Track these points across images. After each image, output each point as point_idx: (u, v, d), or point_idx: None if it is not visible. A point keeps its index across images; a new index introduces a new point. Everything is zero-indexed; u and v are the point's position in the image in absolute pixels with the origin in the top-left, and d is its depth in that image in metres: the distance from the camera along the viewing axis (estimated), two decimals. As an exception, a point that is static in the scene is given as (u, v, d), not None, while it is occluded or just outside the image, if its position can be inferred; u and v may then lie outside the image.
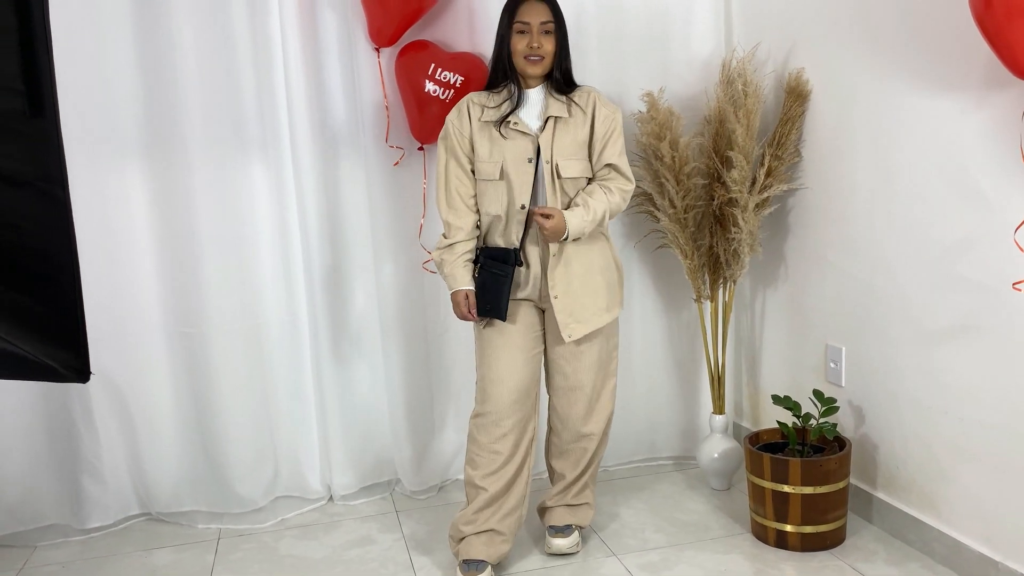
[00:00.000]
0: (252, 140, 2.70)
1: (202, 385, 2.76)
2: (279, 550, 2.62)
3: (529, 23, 2.24)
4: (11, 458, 2.69)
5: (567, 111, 2.29)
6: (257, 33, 2.63)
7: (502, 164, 2.26)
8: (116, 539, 2.74)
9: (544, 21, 2.25)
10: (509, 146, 2.27)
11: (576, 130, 2.29)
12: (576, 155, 2.28)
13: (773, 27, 2.76)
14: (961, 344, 2.17)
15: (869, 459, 2.54)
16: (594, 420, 2.42)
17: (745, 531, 2.57)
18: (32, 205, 0.95)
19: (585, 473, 2.47)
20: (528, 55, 2.25)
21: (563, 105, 2.29)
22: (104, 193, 2.62)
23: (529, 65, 2.26)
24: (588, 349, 2.37)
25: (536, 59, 2.25)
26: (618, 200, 2.30)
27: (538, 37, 2.24)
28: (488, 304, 2.29)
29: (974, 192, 2.08)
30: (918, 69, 2.20)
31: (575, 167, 2.28)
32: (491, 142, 2.28)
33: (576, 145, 2.28)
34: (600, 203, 2.25)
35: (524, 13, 2.25)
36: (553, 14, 2.27)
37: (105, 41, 2.55)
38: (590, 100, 2.32)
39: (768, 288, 2.95)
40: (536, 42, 2.24)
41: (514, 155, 2.26)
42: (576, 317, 2.31)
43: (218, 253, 2.69)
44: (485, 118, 2.30)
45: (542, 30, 2.25)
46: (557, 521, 2.48)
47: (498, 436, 2.30)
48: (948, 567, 2.26)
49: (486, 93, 2.34)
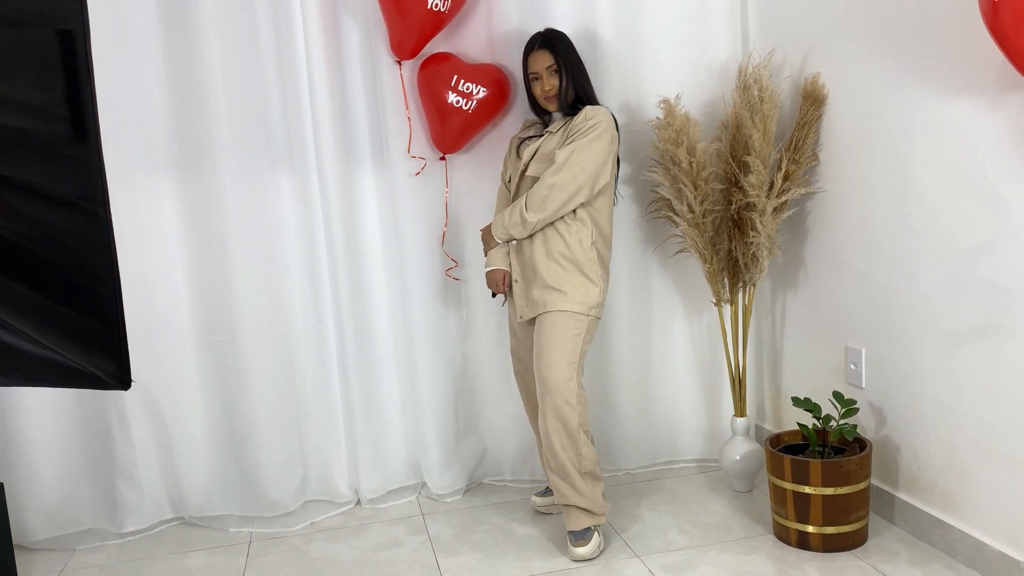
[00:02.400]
0: (279, 153, 2.77)
1: (233, 392, 2.83)
2: (309, 552, 2.68)
3: (538, 72, 2.56)
4: (50, 465, 2.78)
5: (561, 125, 2.55)
6: (283, 50, 2.70)
7: (509, 172, 2.67)
8: (151, 543, 2.82)
9: (549, 65, 2.54)
10: (523, 155, 2.59)
11: (560, 138, 2.52)
12: (544, 160, 2.52)
13: (789, 33, 2.78)
14: (982, 346, 2.18)
15: (891, 460, 2.55)
16: (545, 412, 2.46)
17: (767, 532, 2.59)
18: (77, 224, 1.01)
19: (550, 472, 2.51)
20: (544, 97, 2.57)
21: (563, 122, 2.56)
22: (137, 207, 2.70)
23: (549, 104, 2.59)
24: (535, 333, 2.53)
25: (552, 98, 2.56)
26: (540, 191, 2.45)
27: (547, 80, 2.54)
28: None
29: (992, 194, 2.09)
30: (933, 72, 2.22)
31: (538, 168, 2.53)
32: (523, 152, 2.61)
33: (547, 152, 2.52)
34: (514, 205, 2.53)
35: (532, 64, 2.57)
36: (554, 57, 2.53)
37: (136, 60, 2.64)
38: (583, 112, 2.50)
39: (788, 291, 2.97)
40: (547, 85, 2.54)
41: (514, 169, 2.64)
42: (526, 300, 2.56)
43: (247, 264, 2.77)
44: (523, 136, 2.68)
45: (549, 72, 2.54)
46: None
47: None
48: (971, 567, 2.27)
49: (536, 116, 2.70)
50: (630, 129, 2.89)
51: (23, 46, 0.95)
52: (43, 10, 0.94)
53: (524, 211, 2.48)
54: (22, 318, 1.01)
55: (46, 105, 0.98)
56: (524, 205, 2.48)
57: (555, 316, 2.47)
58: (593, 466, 2.50)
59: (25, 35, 0.95)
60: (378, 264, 2.91)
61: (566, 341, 2.46)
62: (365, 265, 2.89)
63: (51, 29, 0.96)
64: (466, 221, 2.93)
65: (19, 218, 0.99)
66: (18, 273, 1.00)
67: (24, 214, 0.99)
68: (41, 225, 1.00)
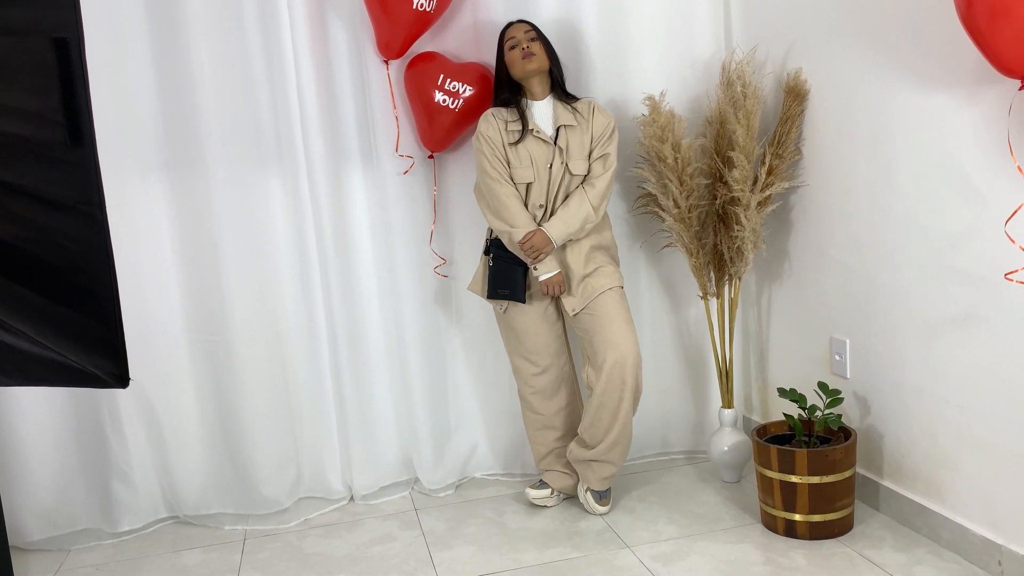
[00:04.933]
0: (269, 153, 2.79)
1: (226, 391, 2.86)
2: (304, 549, 2.71)
3: (516, 36, 2.61)
4: (45, 465, 2.79)
5: (574, 119, 2.62)
6: (271, 51, 2.72)
7: (533, 169, 2.60)
8: (146, 542, 2.84)
9: (527, 31, 2.62)
10: (536, 152, 2.60)
11: (581, 135, 2.63)
12: (580, 155, 2.62)
13: (771, 29, 2.82)
14: (961, 335, 2.22)
15: (875, 449, 2.59)
16: (625, 380, 2.63)
17: (755, 521, 2.63)
18: (75, 227, 1.04)
19: (607, 434, 2.69)
20: (522, 55, 2.58)
21: (570, 114, 2.63)
22: (128, 208, 2.72)
23: (526, 63, 2.58)
24: (594, 317, 2.67)
25: (529, 55, 2.57)
26: (598, 190, 2.61)
27: (526, 42, 2.59)
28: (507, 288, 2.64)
29: (968, 186, 2.13)
30: (912, 67, 2.26)
31: (580, 166, 2.62)
32: (518, 150, 2.60)
33: (581, 147, 2.62)
34: (578, 209, 2.59)
35: (510, 32, 2.64)
36: (534, 28, 2.63)
37: (125, 63, 2.66)
38: (590, 108, 2.67)
39: (773, 284, 3.01)
40: (525, 44, 2.59)
41: (539, 160, 2.59)
42: (578, 292, 2.67)
43: (239, 263, 2.79)
44: (511, 128, 2.62)
45: (527, 38, 2.60)
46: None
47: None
48: (954, 552, 2.32)
49: (504, 108, 2.65)
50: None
51: (20, 54, 0.97)
52: (39, 19, 0.97)
53: (594, 213, 2.60)
54: (22, 319, 1.04)
55: (43, 111, 1.01)
56: (593, 208, 2.59)
57: (614, 293, 2.64)
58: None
59: (22, 43, 0.97)
60: (368, 262, 2.93)
61: (628, 313, 2.65)
62: (355, 263, 2.92)
63: (47, 37, 0.98)
64: (454, 218, 2.96)
65: (19, 222, 1.02)
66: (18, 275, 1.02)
67: (24, 218, 1.02)
68: (41, 228, 1.03)
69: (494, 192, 2.60)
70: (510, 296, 2.64)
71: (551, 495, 2.82)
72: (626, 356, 2.57)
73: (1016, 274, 2.01)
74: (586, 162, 2.62)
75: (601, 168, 2.62)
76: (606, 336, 2.58)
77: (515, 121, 2.62)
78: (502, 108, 2.65)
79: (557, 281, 2.61)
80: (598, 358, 2.59)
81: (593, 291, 2.62)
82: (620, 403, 2.59)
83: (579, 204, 2.59)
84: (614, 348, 2.57)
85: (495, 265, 2.65)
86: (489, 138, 2.60)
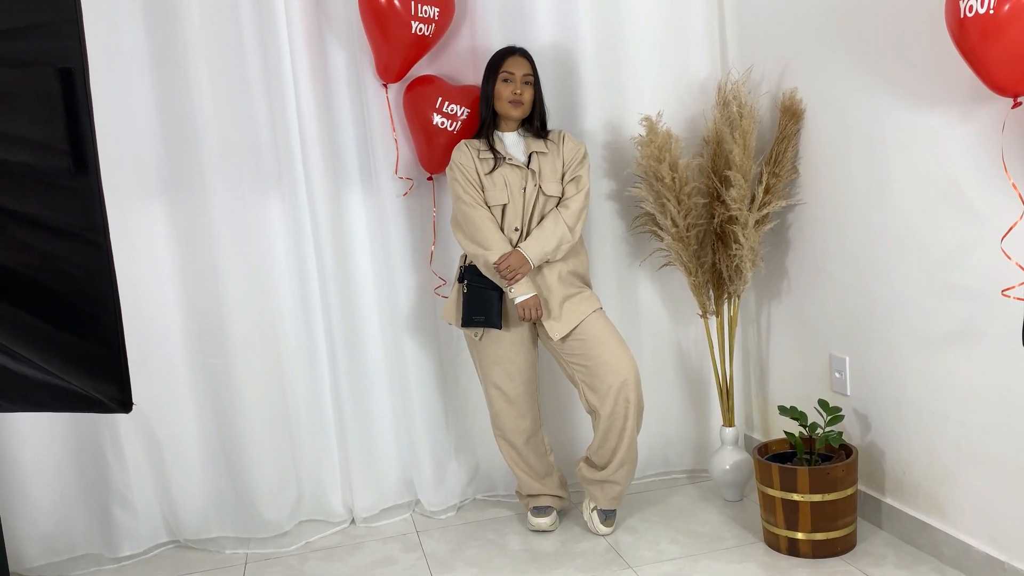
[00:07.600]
0: (268, 175, 2.80)
1: (226, 413, 2.85)
2: (305, 572, 2.70)
3: (514, 73, 2.63)
4: (44, 490, 2.78)
5: (544, 147, 2.68)
6: (270, 74, 2.74)
7: (507, 191, 2.61)
8: (147, 566, 2.83)
9: (526, 73, 2.65)
10: (510, 177, 2.61)
11: (553, 159, 2.68)
12: (553, 178, 2.66)
13: (766, 49, 2.85)
14: (960, 350, 2.23)
15: (876, 466, 2.59)
16: (628, 398, 2.64)
17: (758, 540, 2.63)
18: (80, 254, 1.05)
19: (615, 454, 2.71)
20: (512, 100, 2.62)
21: (541, 142, 2.69)
22: (128, 230, 2.72)
23: (512, 108, 2.64)
24: (585, 342, 2.69)
25: (518, 103, 2.63)
26: (573, 211, 2.63)
27: (520, 86, 2.63)
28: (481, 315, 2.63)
29: (964, 202, 2.15)
30: (906, 85, 2.28)
31: (553, 187, 2.66)
32: (493, 176, 2.62)
33: (554, 171, 2.67)
34: (554, 229, 2.61)
35: (509, 65, 2.64)
36: (532, 69, 2.67)
37: (125, 86, 2.67)
38: (560, 136, 2.72)
39: (772, 301, 3.02)
40: (519, 89, 2.63)
41: (513, 183, 2.62)
42: (557, 317, 2.67)
43: (238, 285, 2.79)
44: (483, 158, 2.65)
45: (523, 80, 2.64)
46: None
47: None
48: (957, 569, 2.31)
49: (476, 140, 2.70)
50: (613, 146, 2.95)
51: (26, 84, 0.99)
52: (44, 50, 0.98)
53: (569, 233, 2.61)
54: (27, 345, 1.04)
55: (48, 140, 1.02)
56: (568, 228, 2.61)
57: (599, 315, 2.66)
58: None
59: (28, 74, 0.99)
60: (368, 283, 2.94)
61: (617, 333, 2.67)
62: (355, 285, 2.92)
63: (52, 68, 1.00)
64: (454, 239, 2.96)
65: (24, 249, 1.03)
66: (23, 302, 1.03)
67: (29, 245, 1.03)
68: (45, 255, 1.04)
69: (469, 217, 2.61)
70: (484, 323, 2.62)
71: (553, 522, 2.83)
72: (627, 378, 2.58)
73: (1013, 290, 2.02)
74: (559, 184, 2.65)
75: (574, 189, 2.65)
76: (604, 360, 2.59)
77: (487, 150, 2.66)
78: (474, 140, 2.70)
79: (533, 304, 2.59)
80: (601, 384, 2.60)
81: (579, 315, 2.63)
82: (625, 422, 2.61)
83: (555, 224, 2.61)
84: (614, 372, 2.58)
85: (469, 292, 2.64)
86: (462, 165, 2.63)
